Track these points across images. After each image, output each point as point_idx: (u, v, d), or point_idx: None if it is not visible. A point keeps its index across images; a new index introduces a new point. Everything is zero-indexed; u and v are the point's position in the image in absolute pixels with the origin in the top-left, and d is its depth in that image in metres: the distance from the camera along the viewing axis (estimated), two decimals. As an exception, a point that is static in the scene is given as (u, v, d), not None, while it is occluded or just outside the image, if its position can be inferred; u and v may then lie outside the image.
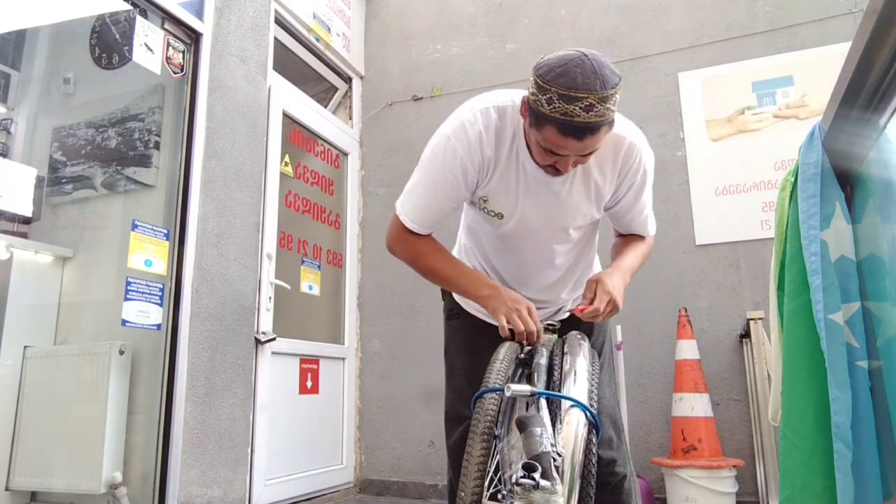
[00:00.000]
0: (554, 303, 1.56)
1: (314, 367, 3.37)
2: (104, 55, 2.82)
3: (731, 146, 3.22)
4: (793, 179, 1.21)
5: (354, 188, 3.96)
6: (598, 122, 1.11)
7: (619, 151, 1.35)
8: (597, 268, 1.64)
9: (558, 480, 0.87)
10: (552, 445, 0.91)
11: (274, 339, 2.94)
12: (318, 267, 3.58)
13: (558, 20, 3.63)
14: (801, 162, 1.16)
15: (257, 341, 2.87)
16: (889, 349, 0.99)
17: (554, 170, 1.26)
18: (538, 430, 0.91)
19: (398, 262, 1.49)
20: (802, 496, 1.06)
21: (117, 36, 2.77)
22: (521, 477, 0.84)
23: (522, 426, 0.94)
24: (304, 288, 3.43)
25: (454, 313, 1.61)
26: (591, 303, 1.29)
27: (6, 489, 2.45)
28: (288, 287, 3.16)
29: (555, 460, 0.88)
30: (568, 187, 1.36)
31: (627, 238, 1.56)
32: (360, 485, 3.60)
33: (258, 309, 2.90)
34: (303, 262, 3.45)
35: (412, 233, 1.41)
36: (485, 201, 1.39)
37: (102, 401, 2.37)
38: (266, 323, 2.94)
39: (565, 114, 1.10)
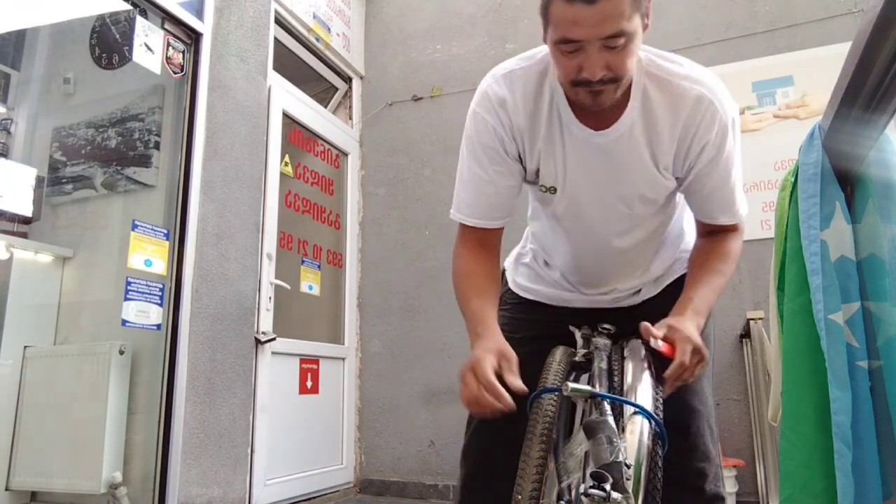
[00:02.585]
0: (626, 289, 1.33)
1: (314, 367, 3.37)
2: (104, 55, 2.82)
3: (731, 146, 3.21)
4: (793, 179, 1.21)
5: (354, 188, 3.96)
6: None
7: (683, 103, 1.10)
8: (686, 240, 1.36)
9: (631, 495, 0.78)
10: (623, 455, 0.82)
11: (274, 339, 2.94)
12: (318, 267, 3.58)
13: (558, 20, 3.61)
14: (801, 162, 1.16)
15: (257, 341, 2.87)
16: (889, 349, 0.99)
17: (590, 95, 1.03)
18: (609, 437, 0.83)
19: (398, 262, 1.45)
20: (802, 496, 1.06)
21: (117, 36, 2.77)
22: (591, 487, 0.75)
23: (591, 431, 0.85)
24: (304, 288, 3.43)
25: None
26: (672, 354, 1.02)
27: (6, 489, 2.45)
28: (288, 287, 3.16)
29: (623, 472, 0.80)
30: (621, 146, 1.13)
31: (709, 245, 1.23)
32: (360, 485, 3.60)
33: (258, 309, 2.90)
34: (303, 262, 3.45)
35: (472, 239, 1.22)
36: (537, 175, 1.21)
37: (102, 401, 2.37)
38: (266, 323, 2.94)
39: None
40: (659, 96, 1.10)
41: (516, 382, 0.99)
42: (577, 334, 1.20)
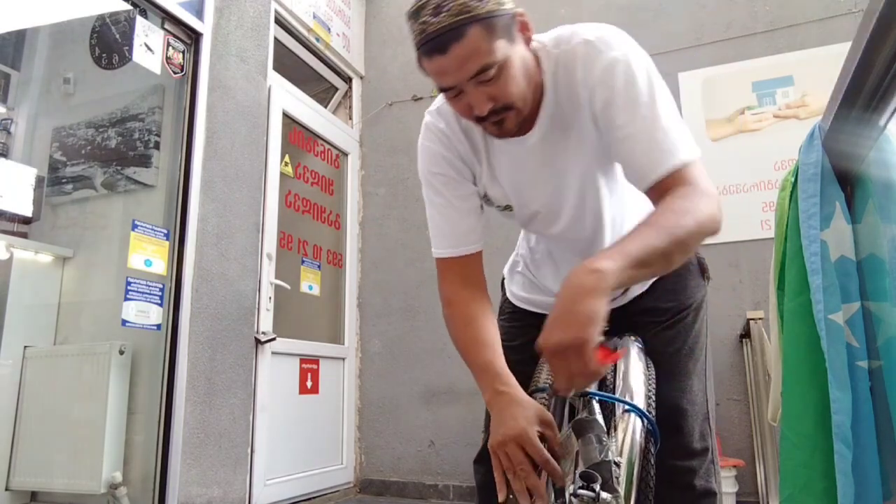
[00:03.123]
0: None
1: (314, 367, 3.37)
2: (104, 55, 2.82)
3: (731, 146, 3.22)
4: (793, 179, 1.21)
5: (354, 188, 3.96)
6: (455, 22, 0.92)
7: (575, 59, 1.04)
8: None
9: (621, 494, 0.78)
10: (612, 454, 0.82)
11: (274, 339, 2.94)
12: (318, 267, 3.58)
13: (558, 20, 3.60)
14: (801, 162, 1.15)
15: (257, 341, 2.87)
16: (889, 349, 0.99)
17: (494, 127, 1.04)
18: (598, 437, 0.83)
19: (398, 262, 1.43)
20: (802, 496, 1.06)
21: (117, 36, 2.78)
22: (580, 488, 0.74)
23: (581, 431, 0.85)
24: (304, 288, 3.43)
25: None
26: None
27: (6, 489, 2.45)
28: (288, 287, 3.16)
29: (613, 471, 0.79)
30: (552, 139, 1.10)
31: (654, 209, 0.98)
32: (360, 485, 3.60)
33: (258, 309, 2.90)
34: (303, 262, 3.45)
35: (456, 276, 1.18)
36: (488, 200, 1.22)
37: (102, 401, 2.37)
38: (266, 323, 2.94)
39: (421, 32, 0.97)
40: (563, 71, 1.06)
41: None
42: None
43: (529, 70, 1.03)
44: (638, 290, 1.26)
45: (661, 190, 0.95)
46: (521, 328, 1.35)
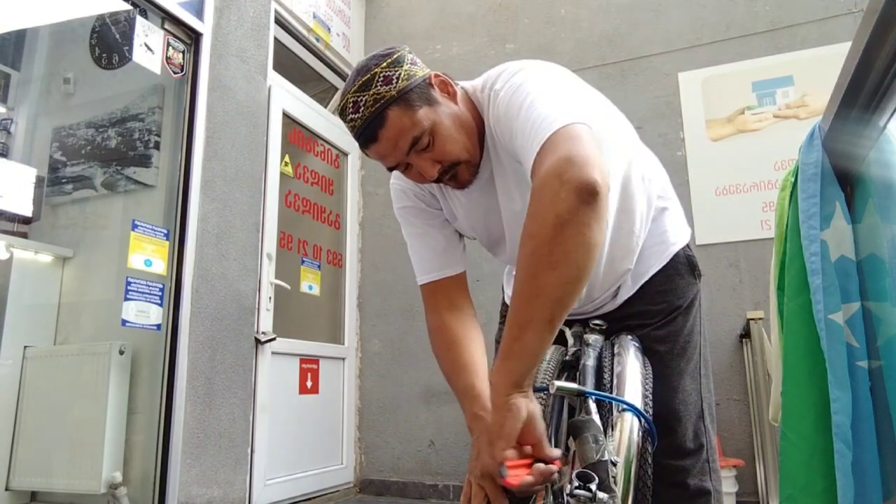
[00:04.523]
0: (602, 293, 1.24)
1: (314, 367, 3.37)
2: (104, 55, 2.82)
3: (731, 146, 3.22)
4: (793, 179, 1.21)
5: (354, 188, 3.96)
6: (373, 112, 1.00)
7: (489, 106, 1.08)
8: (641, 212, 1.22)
9: (618, 494, 0.77)
10: (609, 453, 0.81)
11: (274, 339, 2.94)
12: (318, 267, 3.58)
13: (558, 20, 3.62)
14: (801, 162, 1.15)
15: (257, 341, 2.87)
16: (889, 349, 0.99)
17: (451, 183, 1.12)
18: (594, 437, 0.82)
19: (398, 262, 1.43)
20: (802, 496, 1.06)
21: (117, 36, 2.78)
22: (576, 488, 0.73)
23: (577, 431, 0.84)
24: (304, 288, 3.43)
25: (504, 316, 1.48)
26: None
27: (6, 489, 2.45)
28: (288, 287, 3.16)
29: (609, 471, 0.79)
30: (499, 173, 1.14)
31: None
32: (360, 485, 3.60)
33: (258, 309, 2.90)
34: (303, 262, 3.45)
35: (440, 301, 1.21)
36: (456, 231, 1.28)
37: (102, 401, 2.37)
38: (266, 323, 2.94)
39: (352, 129, 1.04)
40: (489, 111, 1.09)
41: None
42: (568, 333, 1.18)
43: (464, 122, 1.09)
44: (627, 293, 1.25)
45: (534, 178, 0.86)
46: None
